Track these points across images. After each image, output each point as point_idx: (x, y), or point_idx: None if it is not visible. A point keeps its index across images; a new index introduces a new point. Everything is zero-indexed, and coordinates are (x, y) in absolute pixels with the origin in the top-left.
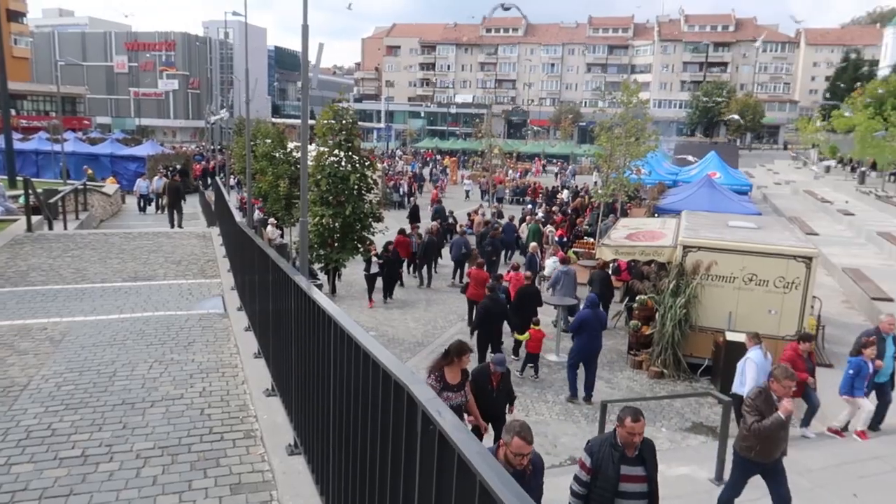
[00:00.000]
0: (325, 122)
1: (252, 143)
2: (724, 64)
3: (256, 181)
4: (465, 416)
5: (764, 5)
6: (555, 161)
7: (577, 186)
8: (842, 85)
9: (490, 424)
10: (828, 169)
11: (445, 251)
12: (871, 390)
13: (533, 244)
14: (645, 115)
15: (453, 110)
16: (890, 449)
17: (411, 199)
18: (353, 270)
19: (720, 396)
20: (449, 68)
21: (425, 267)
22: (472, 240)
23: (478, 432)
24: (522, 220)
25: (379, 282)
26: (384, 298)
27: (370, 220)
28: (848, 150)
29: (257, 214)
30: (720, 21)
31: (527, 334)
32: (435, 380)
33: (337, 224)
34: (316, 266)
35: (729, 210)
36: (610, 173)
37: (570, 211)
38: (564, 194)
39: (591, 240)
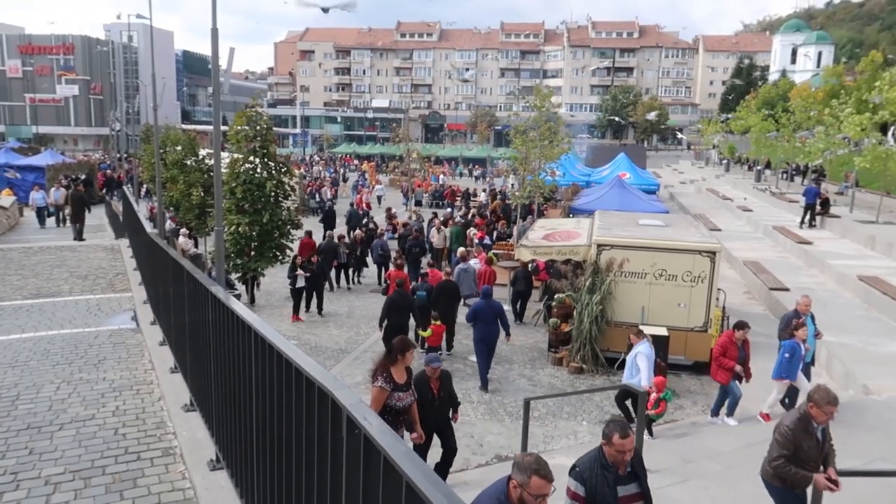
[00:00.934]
0: (239, 128)
1: (162, 150)
2: (631, 69)
3: (167, 190)
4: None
5: (665, 13)
6: (473, 164)
7: (495, 189)
8: (737, 82)
9: (435, 435)
10: (728, 168)
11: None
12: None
13: (462, 249)
14: (557, 118)
15: (370, 115)
16: None
17: (329, 203)
18: (273, 279)
19: (635, 388)
20: (364, 73)
21: (352, 272)
22: (393, 244)
23: (423, 449)
24: (445, 223)
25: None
26: (319, 312)
27: (288, 227)
28: (745, 151)
29: (169, 224)
30: (625, 28)
31: (429, 330)
32: (385, 381)
33: (254, 232)
34: (233, 276)
35: (639, 209)
36: (526, 176)
37: (489, 213)
38: (482, 196)
39: (511, 241)
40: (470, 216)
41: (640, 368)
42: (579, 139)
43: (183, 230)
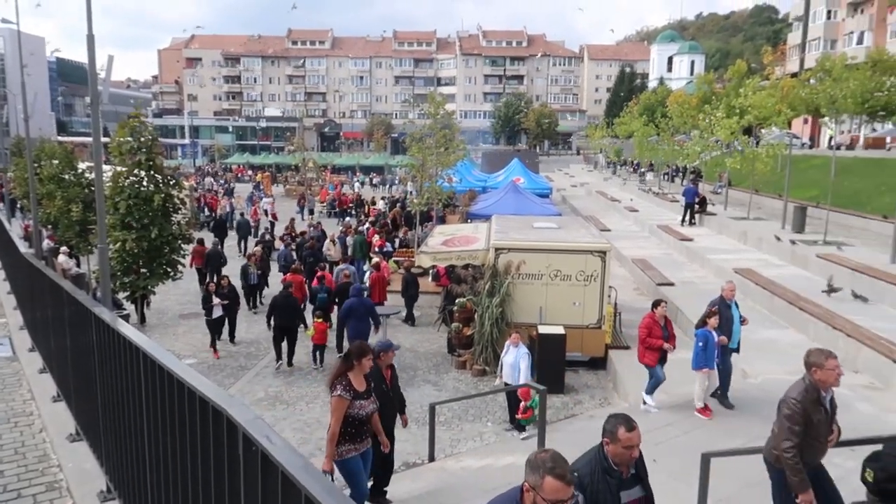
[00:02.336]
0: (122, 139)
1: (36, 164)
2: (521, 77)
3: (44, 207)
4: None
5: (552, 23)
6: (372, 173)
7: (394, 197)
8: (620, 96)
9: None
10: (615, 171)
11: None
12: (722, 358)
13: (376, 260)
14: (452, 125)
15: (263, 124)
16: (678, 415)
17: (226, 215)
18: (164, 297)
19: (536, 386)
20: (255, 81)
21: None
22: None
23: (386, 459)
24: (346, 233)
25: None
26: (231, 340)
27: (179, 242)
28: (630, 154)
29: (47, 243)
30: (514, 37)
31: (311, 329)
32: (344, 389)
33: (142, 248)
34: (121, 295)
35: (533, 212)
36: (423, 182)
37: (389, 221)
38: (381, 205)
39: (412, 248)
40: (365, 226)
41: (520, 369)
42: (474, 146)
43: (63, 249)
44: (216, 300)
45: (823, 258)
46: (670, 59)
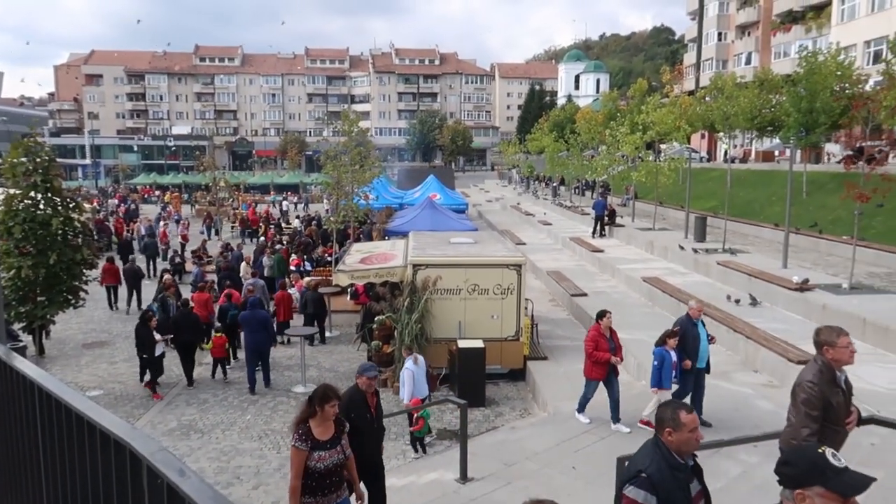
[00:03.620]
0: (15, 160)
1: None
2: (434, 94)
3: None
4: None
5: (463, 42)
6: (286, 191)
7: (309, 215)
8: (530, 113)
9: (367, 474)
10: (528, 186)
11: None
12: (682, 379)
13: (308, 279)
14: (367, 143)
15: (171, 143)
16: (595, 423)
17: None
18: (65, 326)
19: (457, 401)
20: (162, 99)
21: None
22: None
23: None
24: (262, 252)
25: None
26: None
27: (81, 267)
28: (542, 169)
29: None
30: (427, 55)
31: (210, 343)
32: (300, 438)
33: (39, 276)
34: (16, 326)
35: (450, 228)
36: (339, 200)
37: (305, 239)
38: (296, 223)
39: (329, 267)
40: (278, 245)
41: (404, 382)
42: (390, 163)
43: None
44: (158, 336)
45: (723, 265)
46: (577, 78)
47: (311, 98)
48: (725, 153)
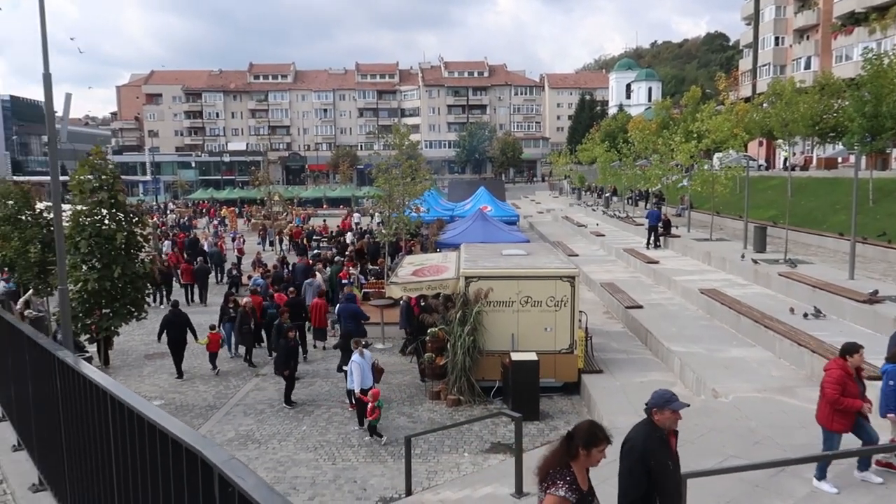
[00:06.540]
0: (83, 178)
1: None
2: (483, 106)
3: None
4: None
5: (512, 53)
6: (339, 205)
7: (361, 227)
8: (581, 123)
9: None
10: (580, 196)
11: None
12: None
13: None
14: (418, 155)
15: (227, 159)
16: None
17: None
18: (129, 337)
19: (511, 414)
20: (218, 116)
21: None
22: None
23: None
24: (324, 265)
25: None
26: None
27: (144, 280)
28: (593, 179)
29: (2, 286)
30: (475, 67)
31: (206, 339)
32: (569, 488)
33: (105, 288)
34: (82, 337)
35: (501, 239)
36: (391, 213)
37: (354, 252)
38: (348, 237)
39: (382, 280)
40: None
41: (352, 373)
42: (440, 175)
43: (31, 293)
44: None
45: (785, 276)
46: (628, 87)
47: (362, 112)
48: (785, 161)
